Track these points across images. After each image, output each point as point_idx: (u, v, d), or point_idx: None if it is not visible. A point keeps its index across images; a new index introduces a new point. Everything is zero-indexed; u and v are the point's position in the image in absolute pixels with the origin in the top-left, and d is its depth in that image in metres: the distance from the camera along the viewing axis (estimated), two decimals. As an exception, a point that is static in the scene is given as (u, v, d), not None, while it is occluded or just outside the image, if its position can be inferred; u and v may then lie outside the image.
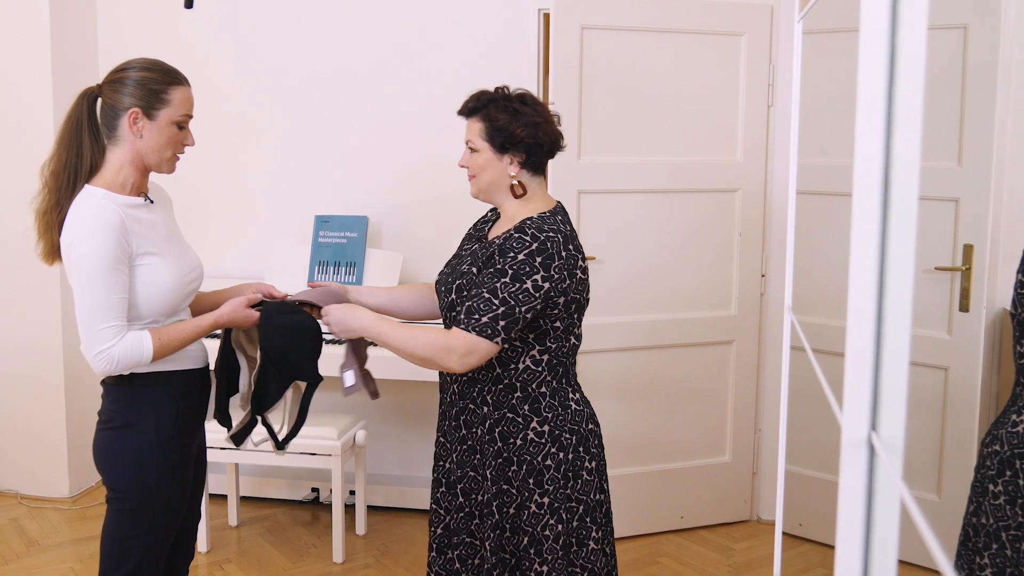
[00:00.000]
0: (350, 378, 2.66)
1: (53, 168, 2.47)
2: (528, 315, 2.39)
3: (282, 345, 2.57)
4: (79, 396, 4.62)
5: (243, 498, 4.64)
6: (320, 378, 2.67)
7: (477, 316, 2.36)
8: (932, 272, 3.78)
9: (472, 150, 2.54)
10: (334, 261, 4.38)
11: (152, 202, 2.57)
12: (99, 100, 2.50)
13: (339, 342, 4.11)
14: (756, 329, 4.39)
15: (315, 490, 4.56)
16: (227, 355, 2.64)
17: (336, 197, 4.59)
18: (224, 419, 2.73)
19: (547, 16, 4.34)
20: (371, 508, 4.52)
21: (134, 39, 4.61)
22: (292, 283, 4.38)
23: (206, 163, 4.63)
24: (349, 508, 4.36)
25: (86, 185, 2.45)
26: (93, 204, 2.40)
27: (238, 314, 2.58)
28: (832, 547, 4.13)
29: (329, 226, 4.42)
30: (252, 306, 2.61)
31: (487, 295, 2.38)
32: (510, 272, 2.37)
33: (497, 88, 2.55)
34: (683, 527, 4.41)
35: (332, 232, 4.41)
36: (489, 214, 2.75)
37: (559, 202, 2.60)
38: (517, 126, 2.47)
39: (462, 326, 2.38)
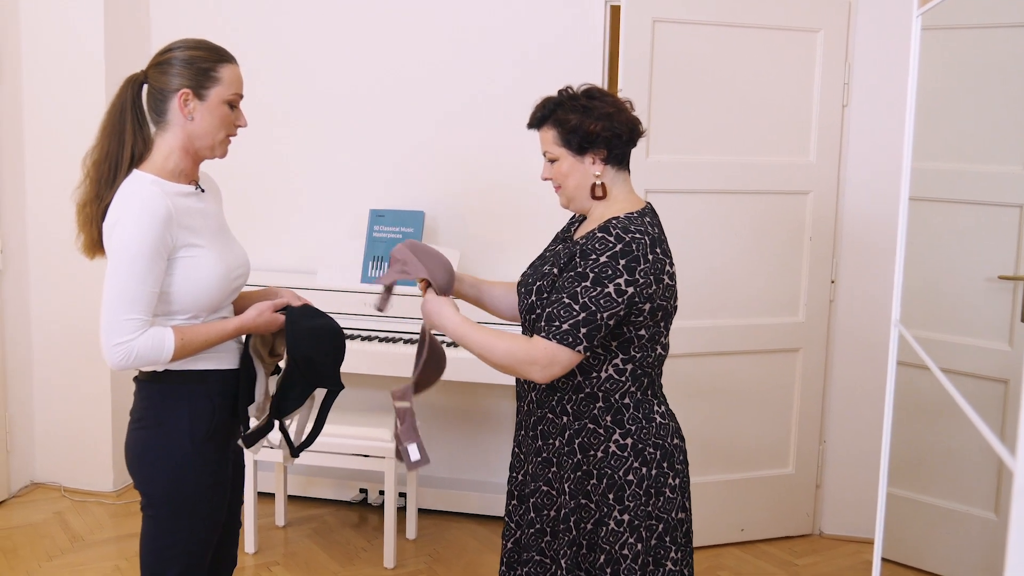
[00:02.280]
0: (415, 452, 2.49)
1: (95, 158, 2.36)
2: (611, 321, 2.25)
3: (308, 349, 2.47)
4: (124, 390, 4.52)
5: (291, 497, 4.53)
6: (342, 386, 2.56)
7: (558, 323, 2.23)
8: (995, 281, 3.60)
9: (551, 160, 2.41)
10: (389, 256, 4.25)
11: (203, 191, 2.46)
12: (145, 86, 2.39)
13: (369, 338, 3.99)
14: (824, 337, 4.23)
15: (363, 491, 4.44)
16: (246, 362, 2.52)
17: (392, 191, 4.47)
18: (245, 425, 2.58)
19: (615, 9, 4.20)
20: (422, 511, 4.39)
21: (189, 30, 4.50)
22: (345, 278, 4.28)
23: (262, 155, 4.54)
24: (399, 511, 4.23)
25: (135, 170, 2.33)
26: (141, 190, 2.29)
27: (263, 318, 2.45)
28: (925, 571, 3.97)
29: (384, 221, 4.30)
30: (277, 311, 2.49)
31: (567, 300, 2.25)
32: (591, 275, 2.24)
33: (560, 90, 2.42)
34: (743, 540, 4.25)
35: (387, 227, 4.29)
36: (577, 215, 2.61)
37: (648, 203, 2.46)
38: (590, 121, 2.33)
39: (543, 334, 2.25)
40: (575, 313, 2.22)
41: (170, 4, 4.61)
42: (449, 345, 3.87)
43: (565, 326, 2.22)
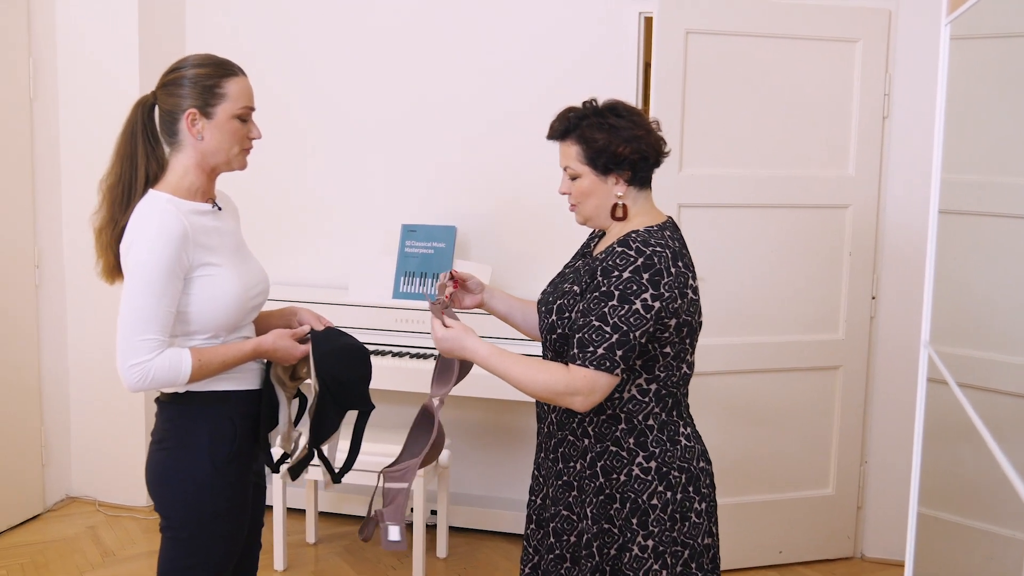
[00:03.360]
0: (395, 534, 2.42)
1: (110, 182, 2.34)
2: (643, 339, 2.18)
3: (337, 370, 2.42)
4: (159, 404, 4.52)
5: (321, 514, 4.50)
6: (372, 406, 2.53)
7: (592, 348, 2.16)
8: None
9: (572, 176, 2.33)
10: (420, 272, 4.22)
11: (220, 209, 2.43)
12: (156, 108, 2.36)
13: (401, 354, 3.95)
14: (865, 355, 4.13)
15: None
16: (268, 388, 2.48)
17: (424, 206, 4.44)
18: (266, 452, 2.56)
19: (648, 20, 4.13)
20: (453, 529, 4.34)
21: (224, 42, 4.50)
22: (376, 294, 4.24)
23: (295, 170, 4.54)
24: (430, 529, 4.18)
25: (151, 190, 2.31)
26: (156, 209, 2.26)
27: (280, 344, 2.40)
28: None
29: (416, 236, 4.27)
30: (299, 339, 2.44)
31: (596, 322, 2.17)
32: (616, 293, 2.17)
33: (584, 103, 2.34)
34: (781, 562, 4.15)
35: (419, 242, 4.26)
36: (596, 231, 2.54)
37: (669, 217, 2.39)
38: (618, 143, 2.26)
39: (578, 362, 2.18)
40: (607, 335, 2.15)
41: (205, 21, 4.63)
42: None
43: (600, 350, 2.16)
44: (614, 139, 2.26)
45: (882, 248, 4.09)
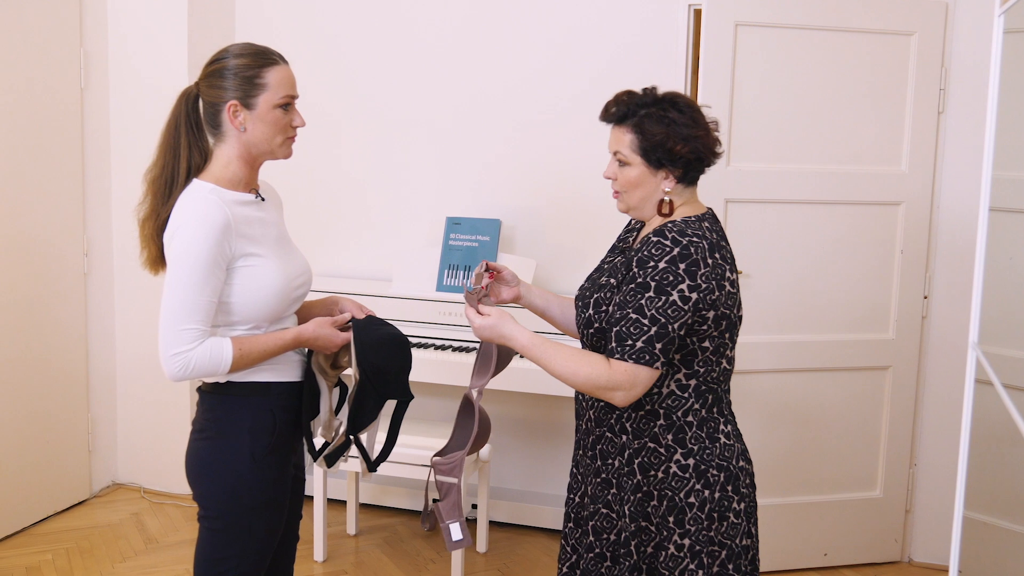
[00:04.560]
0: (457, 531, 2.42)
1: (153, 174, 2.36)
2: (681, 331, 2.16)
3: (377, 359, 2.43)
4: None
5: (363, 505, 4.52)
6: (411, 396, 2.53)
7: (631, 342, 2.15)
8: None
9: (621, 162, 2.30)
10: (464, 265, 4.23)
11: (263, 199, 2.44)
12: (199, 99, 2.37)
13: (443, 347, 3.96)
14: (916, 355, 4.07)
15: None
16: (310, 377, 2.49)
17: (469, 199, 4.44)
18: (309, 440, 2.57)
19: (697, 13, 4.10)
20: (493, 524, 4.34)
21: (273, 33, 4.54)
22: (420, 286, 4.25)
23: (340, 161, 4.56)
24: (470, 523, 4.19)
25: (194, 180, 2.32)
26: (199, 199, 2.28)
27: (322, 332, 2.41)
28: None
29: (461, 228, 4.27)
30: (340, 327, 2.46)
31: (634, 315, 2.15)
32: (652, 284, 2.15)
33: (645, 90, 2.30)
34: (826, 565, 4.10)
35: (463, 235, 4.26)
36: (633, 223, 2.53)
37: (709, 208, 2.36)
38: (676, 141, 2.22)
39: (617, 355, 2.16)
40: (646, 328, 2.14)
41: (255, 10, 4.66)
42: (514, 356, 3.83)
43: (639, 343, 2.14)
44: (672, 135, 2.22)
45: (935, 246, 4.03)
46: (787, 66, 3.84)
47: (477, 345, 4.04)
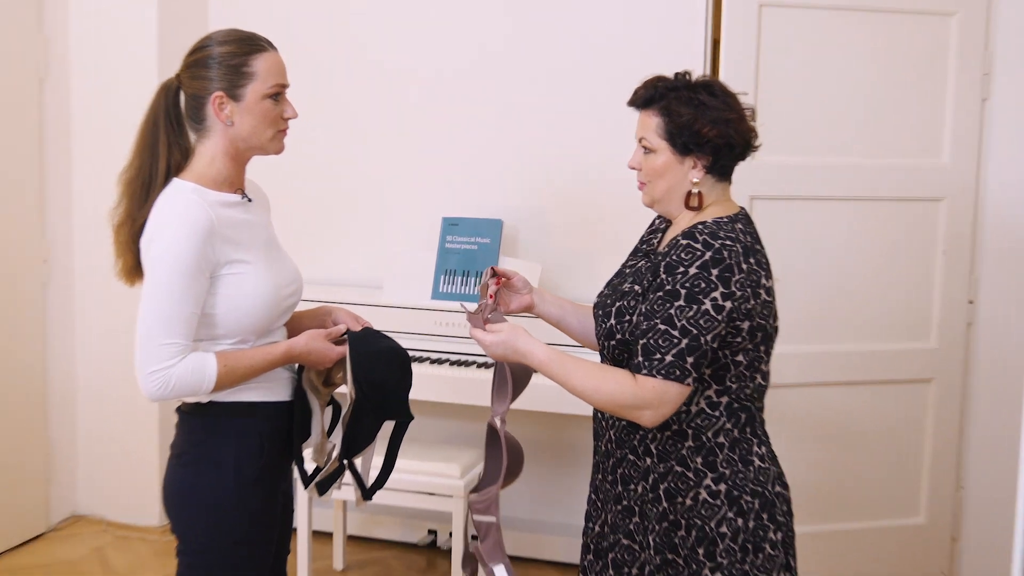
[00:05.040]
0: (502, 572, 2.43)
1: (128, 176, 2.34)
2: (714, 343, 2.12)
3: (376, 374, 2.41)
4: (174, 418, 4.48)
5: (351, 538, 4.46)
6: (411, 416, 2.51)
7: (659, 356, 2.10)
8: None
9: (647, 150, 2.27)
10: (463, 270, 4.17)
11: (250, 200, 2.40)
12: (180, 91, 2.35)
13: (440, 361, 3.91)
14: (961, 366, 4.03)
15: (432, 532, 4.34)
16: (300, 395, 2.47)
17: (467, 197, 4.39)
18: (299, 465, 2.54)
19: (718, -7, 4.07)
20: (496, 557, 4.26)
21: (251, 18, 4.47)
22: (414, 294, 4.20)
23: (322, 157, 4.52)
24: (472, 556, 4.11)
25: (175, 179, 2.29)
26: (179, 199, 2.25)
27: (315, 345, 2.38)
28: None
29: (458, 230, 4.22)
30: (335, 340, 2.43)
31: (662, 326, 2.11)
32: (683, 292, 2.10)
33: (677, 74, 2.28)
34: (864, 598, 4.04)
35: (461, 237, 4.21)
36: (657, 222, 2.49)
37: (742, 208, 2.33)
38: (704, 123, 2.20)
39: (644, 371, 2.12)
40: (675, 340, 2.09)
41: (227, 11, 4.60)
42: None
43: (668, 357, 2.10)
44: (700, 117, 2.20)
45: (981, 245, 3.99)
46: (816, 50, 3.81)
47: (477, 359, 3.99)
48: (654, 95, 2.26)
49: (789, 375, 3.87)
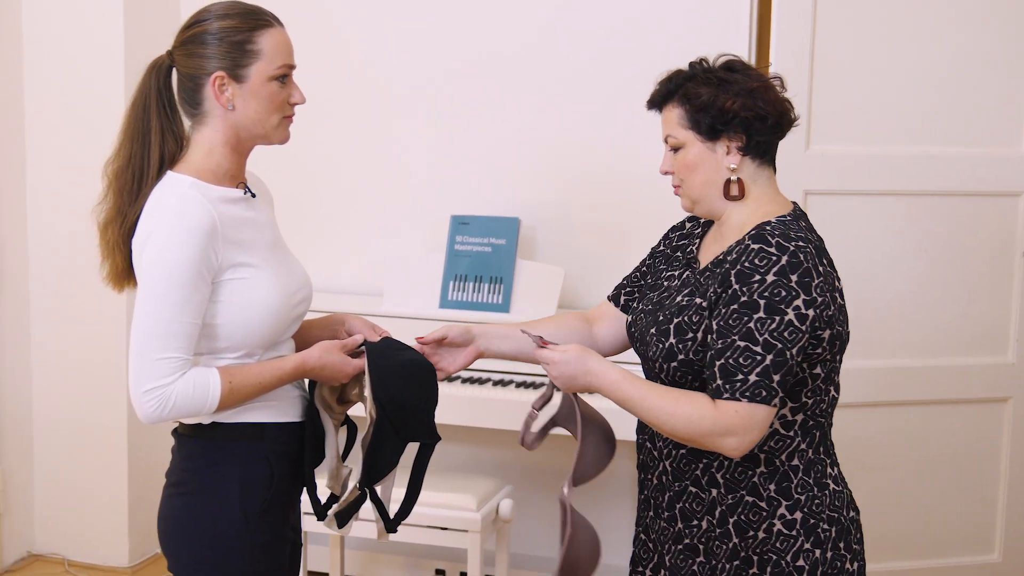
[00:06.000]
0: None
1: (116, 165, 2.34)
2: (799, 357, 2.16)
3: (398, 391, 2.42)
4: (145, 441, 4.57)
5: (348, 579, 4.49)
6: (438, 438, 2.52)
7: (742, 376, 2.14)
8: None
9: (674, 148, 2.33)
10: (474, 275, 4.21)
11: (254, 196, 2.42)
12: (173, 71, 2.36)
13: (450, 378, 3.90)
14: (1042, 383, 4.09)
15: (440, 572, 4.38)
16: (313, 415, 2.49)
17: (479, 193, 4.43)
18: (312, 492, 2.56)
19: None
20: (515, 602, 4.31)
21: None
22: (419, 303, 4.22)
23: (313, 144, 4.51)
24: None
25: (169, 172, 2.31)
26: (177, 196, 2.26)
27: (329, 359, 2.39)
28: None
29: (469, 230, 4.26)
30: (351, 353, 2.46)
31: (741, 342, 2.14)
32: (762, 303, 2.14)
33: (692, 62, 2.35)
34: (932, 647, 4.10)
35: (473, 238, 4.25)
36: (688, 226, 2.55)
37: (795, 203, 2.39)
38: (727, 97, 2.25)
39: (726, 395, 2.15)
40: (759, 358, 2.13)
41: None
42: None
43: (752, 377, 2.13)
44: (722, 93, 2.25)
45: (1067, 247, 4.06)
46: (879, 27, 3.87)
47: (492, 375, 4.02)
48: (671, 88, 2.32)
49: (847, 394, 3.86)
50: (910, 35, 3.88)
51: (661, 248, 2.59)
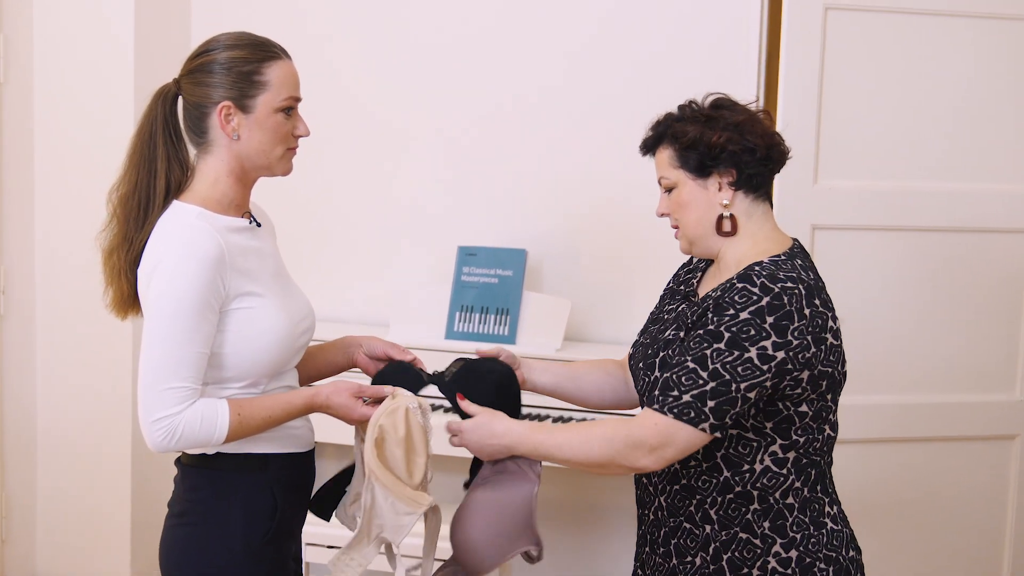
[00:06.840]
0: None
1: (122, 192, 2.38)
2: (750, 394, 2.18)
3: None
4: (148, 466, 4.56)
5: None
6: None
7: (676, 393, 2.18)
8: None
9: (668, 189, 2.38)
10: (480, 307, 4.22)
11: (259, 225, 2.46)
12: (179, 99, 2.40)
13: (447, 408, 3.93)
14: (1050, 422, 4.08)
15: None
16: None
17: (486, 224, 4.44)
18: (324, 511, 2.58)
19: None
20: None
21: (236, 23, 4.54)
22: (424, 333, 4.22)
23: (318, 175, 4.52)
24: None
25: (175, 201, 2.34)
26: (185, 225, 2.29)
27: (336, 400, 2.39)
28: None
29: (476, 260, 4.27)
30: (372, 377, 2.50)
31: (691, 364, 2.18)
32: (727, 335, 2.18)
33: (681, 105, 2.40)
34: None
35: (479, 269, 4.26)
36: (696, 261, 2.57)
37: (795, 240, 2.41)
38: (712, 133, 2.29)
39: (655, 405, 2.20)
40: (700, 382, 2.17)
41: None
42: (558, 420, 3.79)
43: (686, 397, 2.17)
44: (708, 129, 2.29)
45: (1077, 285, 4.05)
46: (891, 59, 3.88)
47: (539, 412, 3.97)
48: (660, 131, 2.37)
49: (848, 430, 3.86)
50: (919, 70, 3.89)
51: (670, 284, 2.62)
